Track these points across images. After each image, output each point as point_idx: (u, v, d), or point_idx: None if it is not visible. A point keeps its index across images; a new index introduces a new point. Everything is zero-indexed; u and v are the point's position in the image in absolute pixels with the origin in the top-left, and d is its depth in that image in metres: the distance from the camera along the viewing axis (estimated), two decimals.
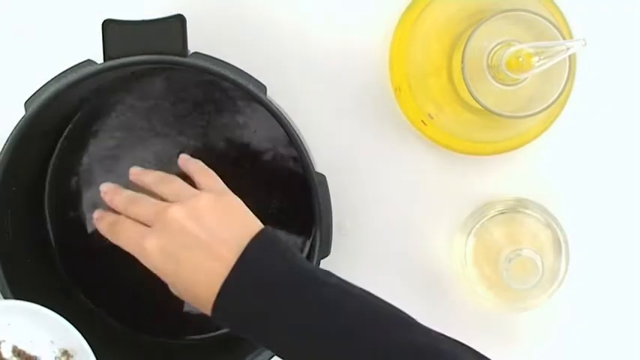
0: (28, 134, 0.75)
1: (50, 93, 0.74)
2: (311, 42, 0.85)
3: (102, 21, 0.73)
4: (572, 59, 0.73)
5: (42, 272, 0.82)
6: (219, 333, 0.84)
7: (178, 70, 0.81)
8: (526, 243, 0.80)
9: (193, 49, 0.74)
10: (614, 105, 0.86)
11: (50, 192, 0.84)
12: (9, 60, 0.85)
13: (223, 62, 0.75)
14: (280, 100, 0.76)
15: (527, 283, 0.78)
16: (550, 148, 0.85)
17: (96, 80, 0.75)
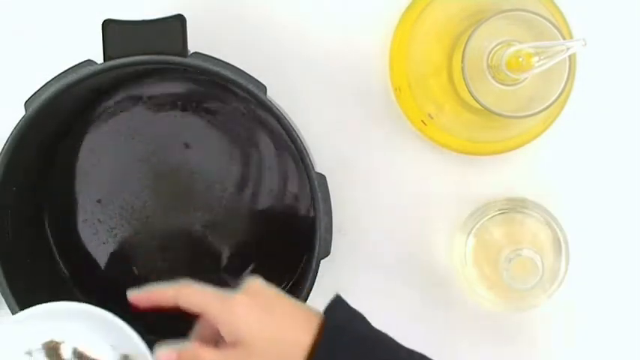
0: (28, 134, 0.75)
1: (50, 93, 0.74)
2: (311, 42, 0.85)
3: (102, 21, 0.73)
4: (572, 59, 0.73)
5: (42, 272, 0.82)
6: None
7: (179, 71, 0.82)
8: (526, 243, 0.80)
9: (193, 49, 0.74)
10: (614, 105, 0.86)
11: (50, 192, 0.84)
12: (9, 60, 0.85)
13: (223, 62, 0.75)
14: (280, 100, 0.76)
15: (527, 283, 0.78)
16: (550, 148, 0.85)
17: (96, 80, 0.75)
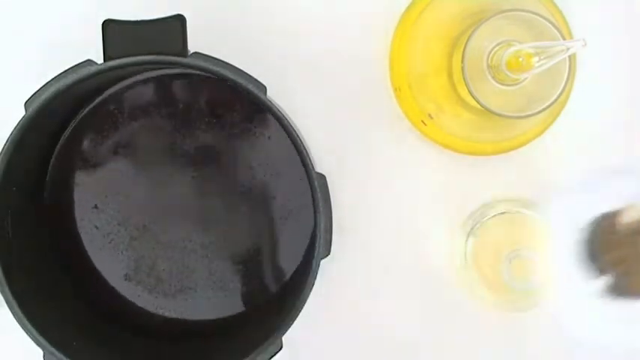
0: (29, 135, 0.74)
1: (50, 93, 0.73)
2: (311, 42, 0.85)
3: (102, 21, 0.73)
4: (572, 59, 0.73)
5: (42, 273, 0.82)
6: (217, 336, 0.84)
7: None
8: (526, 243, 0.80)
9: (193, 49, 0.74)
10: (614, 105, 0.86)
11: (50, 192, 0.84)
12: (9, 60, 0.85)
13: (223, 62, 0.75)
14: (280, 100, 0.76)
15: (527, 283, 0.78)
16: (550, 148, 0.85)
17: (96, 80, 0.75)
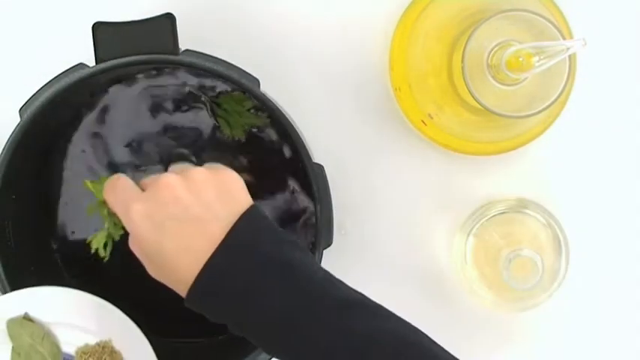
0: (25, 141, 0.74)
1: (44, 99, 0.74)
2: (311, 42, 0.85)
3: (92, 24, 0.73)
4: (572, 59, 0.73)
5: (46, 278, 0.81)
6: (218, 334, 0.84)
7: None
8: (526, 243, 0.80)
9: (184, 47, 0.74)
10: (614, 105, 0.86)
11: (50, 198, 0.83)
12: (0, 67, 0.85)
13: (215, 58, 0.75)
14: (281, 100, 0.76)
15: (527, 283, 0.78)
16: (550, 148, 0.85)
17: (89, 83, 0.75)
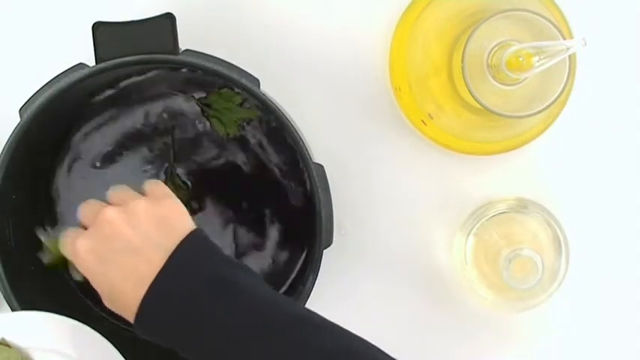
0: (25, 141, 0.74)
1: (44, 99, 0.74)
2: (311, 42, 0.85)
3: (92, 24, 0.73)
4: (572, 59, 0.73)
5: (47, 279, 0.82)
6: None
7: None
8: (526, 243, 0.80)
9: (184, 47, 0.74)
10: (614, 105, 0.86)
11: (51, 198, 0.83)
12: (0, 68, 0.85)
13: (215, 58, 0.75)
14: (280, 101, 0.76)
15: (527, 283, 0.78)
16: (550, 148, 0.85)
17: (90, 83, 0.75)
